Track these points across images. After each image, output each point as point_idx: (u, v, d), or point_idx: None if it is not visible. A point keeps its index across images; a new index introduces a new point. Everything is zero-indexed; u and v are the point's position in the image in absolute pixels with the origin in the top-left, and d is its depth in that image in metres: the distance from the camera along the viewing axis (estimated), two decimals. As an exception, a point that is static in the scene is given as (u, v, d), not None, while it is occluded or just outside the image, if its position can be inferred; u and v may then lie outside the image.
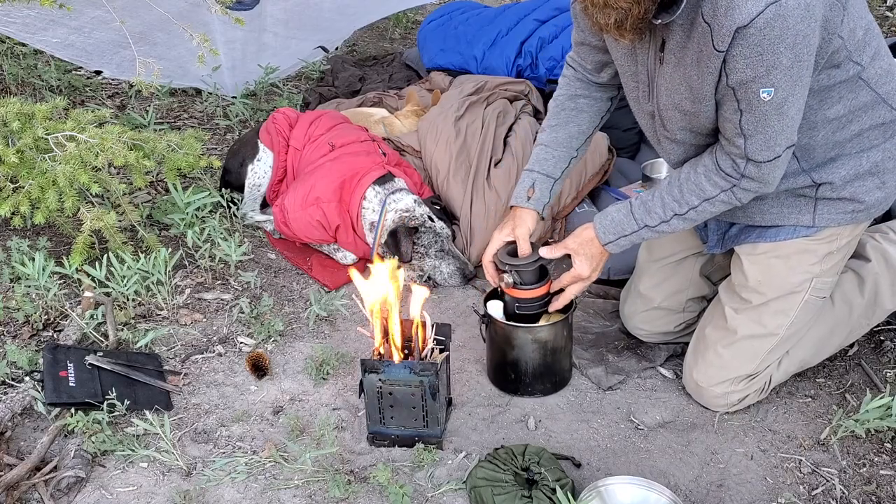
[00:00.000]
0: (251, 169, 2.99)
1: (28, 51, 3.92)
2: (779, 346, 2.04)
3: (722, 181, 1.80)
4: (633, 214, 1.93)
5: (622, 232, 1.95)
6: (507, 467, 1.83)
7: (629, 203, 1.95)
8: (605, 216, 1.98)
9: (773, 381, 2.09)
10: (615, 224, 1.96)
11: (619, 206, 1.97)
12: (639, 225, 1.93)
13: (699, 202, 1.85)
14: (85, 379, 2.08)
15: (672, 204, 1.88)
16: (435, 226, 2.69)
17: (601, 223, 1.98)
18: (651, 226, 1.91)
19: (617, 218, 1.96)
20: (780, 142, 1.70)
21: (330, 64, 4.35)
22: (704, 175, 1.83)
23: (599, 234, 1.98)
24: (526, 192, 2.11)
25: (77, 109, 2.64)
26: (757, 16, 1.51)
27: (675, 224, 1.90)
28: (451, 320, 2.48)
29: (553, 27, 3.89)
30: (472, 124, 3.04)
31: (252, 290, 2.65)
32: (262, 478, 1.92)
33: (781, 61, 1.57)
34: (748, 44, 1.55)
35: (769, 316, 2.01)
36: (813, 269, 1.97)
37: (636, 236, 1.95)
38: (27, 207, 2.41)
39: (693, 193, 1.85)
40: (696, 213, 1.87)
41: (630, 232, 1.94)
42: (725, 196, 1.82)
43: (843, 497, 1.86)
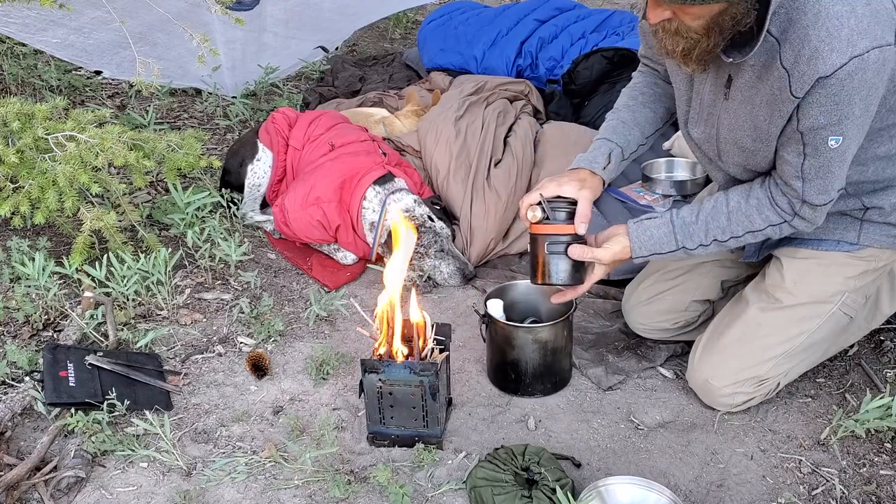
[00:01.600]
0: (251, 169, 2.99)
1: (28, 51, 3.93)
2: (795, 355, 2.02)
3: (774, 216, 1.82)
4: (675, 236, 1.90)
5: (658, 250, 1.92)
6: (507, 467, 1.83)
7: (670, 222, 1.90)
8: (642, 231, 1.92)
9: (780, 386, 2.09)
10: (653, 241, 1.91)
11: (659, 223, 1.91)
12: (677, 246, 1.90)
13: (743, 233, 1.86)
14: (85, 379, 2.08)
15: (716, 231, 1.87)
16: (435, 226, 2.69)
17: (638, 238, 1.92)
18: (689, 248, 1.90)
19: (656, 235, 1.91)
20: (835, 186, 1.74)
21: (330, 64, 4.35)
22: (756, 208, 1.83)
23: (634, 248, 1.93)
24: (604, 160, 2.00)
25: (77, 109, 2.64)
26: (840, 67, 1.54)
27: (711, 249, 1.90)
28: (451, 320, 2.48)
29: (553, 27, 3.90)
30: (472, 124, 3.04)
31: (252, 290, 2.65)
32: (262, 478, 1.92)
33: (854, 111, 1.60)
34: (826, 93, 1.58)
35: (795, 321, 2.00)
36: (848, 284, 1.99)
37: (670, 256, 1.93)
38: (27, 207, 2.41)
39: (740, 224, 1.85)
40: (735, 242, 1.89)
41: (666, 251, 1.92)
42: (771, 230, 1.84)
43: (843, 497, 1.86)
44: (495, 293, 2.26)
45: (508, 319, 2.20)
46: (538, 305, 2.31)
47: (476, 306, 2.50)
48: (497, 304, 2.21)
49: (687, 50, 1.67)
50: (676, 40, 1.65)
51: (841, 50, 1.53)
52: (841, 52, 1.53)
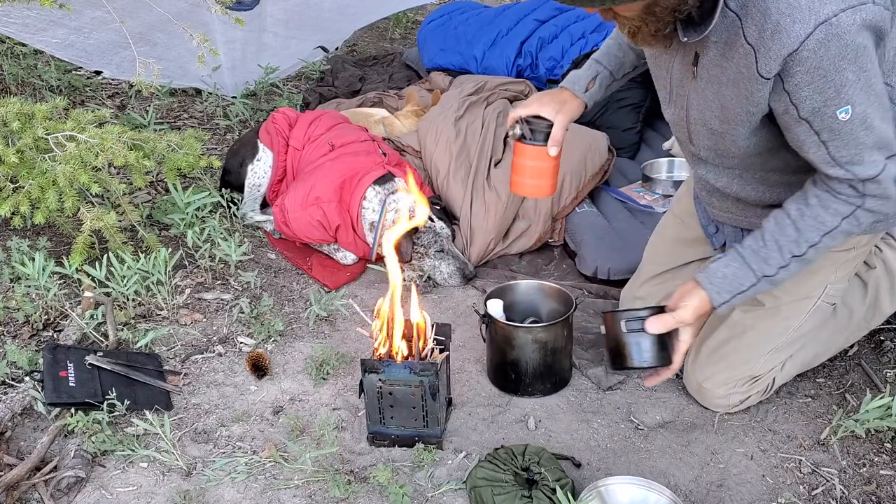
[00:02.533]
0: (251, 169, 2.99)
1: (28, 51, 3.93)
2: (784, 349, 2.03)
3: (843, 206, 1.66)
4: (750, 266, 1.75)
5: (738, 288, 1.76)
6: (507, 467, 1.83)
7: (738, 255, 1.77)
8: (712, 274, 1.78)
9: (776, 382, 2.09)
10: (728, 281, 1.77)
11: (727, 261, 1.78)
12: (756, 277, 1.75)
13: (819, 237, 1.70)
14: (85, 379, 2.08)
15: (790, 245, 1.72)
16: (435, 226, 2.69)
17: (711, 283, 1.77)
18: (770, 275, 1.75)
19: (730, 274, 1.77)
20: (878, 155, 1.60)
21: (330, 64, 4.35)
22: (822, 206, 1.68)
23: (713, 296, 1.77)
24: (586, 83, 2.02)
25: (77, 109, 2.64)
26: (806, 38, 1.45)
27: (792, 268, 1.74)
28: (451, 320, 2.48)
29: (553, 27, 3.90)
30: (472, 124, 3.04)
31: (252, 290, 2.65)
32: (262, 478, 1.92)
33: (847, 77, 1.49)
34: (806, 69, 1.49)
35: (779, 319, 2.00)
36: (829, 277, 1.97)
37: (753, 290, 1.77)
38: (27, 207, 2.41)
39: (812, 229, 1.70)
40: (815, 252, 1.72)
41: (748, 286, 1.76)
42: (847, 224, 1.68)
43: (843, 497, 1.86)
44: (495, 293, 2.26)
45: (508, 319, 2.20)
46: (538, 305, 2.31)
47: (476, 306, 2.50)
48: (497, 304, 2.21)
49: (632, 33, 1.63)
50: (621, 24, 1.63)
51: (803, 20, 1.44)
52: (804, 21, 1.44)
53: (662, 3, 1.53)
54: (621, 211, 2.94)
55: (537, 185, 2.06)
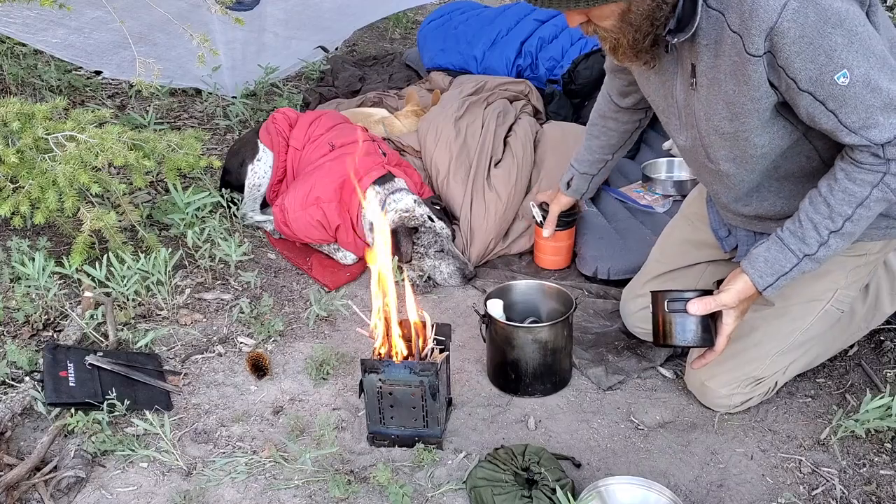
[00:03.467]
0: (251, 169, 2.99)
1: (28, 51, 3.93)
2: (790, 352, 2.03)
3: (869, 175, 1.66)
4: (789, 248, 1.77)
5: (781, 270, 1.78)
6: (507, 467, 1.83)
7: (777, 238, 1.79)
8: (754, 260, 1.80)
9: (778, 385, 2.09)
10: (770, 264, 1.79)
11: (767, 245, 1.80)
12: (797, 257, 1.77)
13: (852, 210, 1.70)
14: (85, 379, 2.08)
15: (825, 222, 1.72)
16: (435, 226, 2.69)
17: (753, 268, 1.80)
18: (810, 254, 1.76)
19: (770, 257, 1.79)
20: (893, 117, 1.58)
21: (330, 64, 4.35)
22: (848, 178, 1.68)
23: (756, 281, 1.80)
24: (566, 182, 2.52)
25: (77, 109, 2.64)
26: (782, 9, 1.48)
27: (833, 244, 1.74)
28: (451, 320, 2.48)
29: (553, 27, 3.90)
30: (472, 124, 3.04)
31: (252, 290, 2.65)
32: (262, 478, 1.92)
33: (836, 41, 1.50)
34: (791, 40, 1.50)
35: (787, 321, 2.00)
36: (839, 281, 1.97)
37: (797, 270, 1.78)
38: (27, 207, 2.41)
39: (843, 202, 1.70)
40: (853, 224, 1.72)
41: (790, 268, 1.78)
42: (878, 192, 1.67)
43: (843, 497, 1.86)
44: (495, 293, 2.26)
45: (508, 319, 2.20)
46: (538, 305, 2.31)
47: (476, 306, 2.50)
48: (497, 304, 2.21)
49: (613, 47, 1.69)
50: (603, 37, 1.69)
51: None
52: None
53: (636, 9, 1.59)
54: (621, 211, 2.94)
55: (554, 260, 2.79)
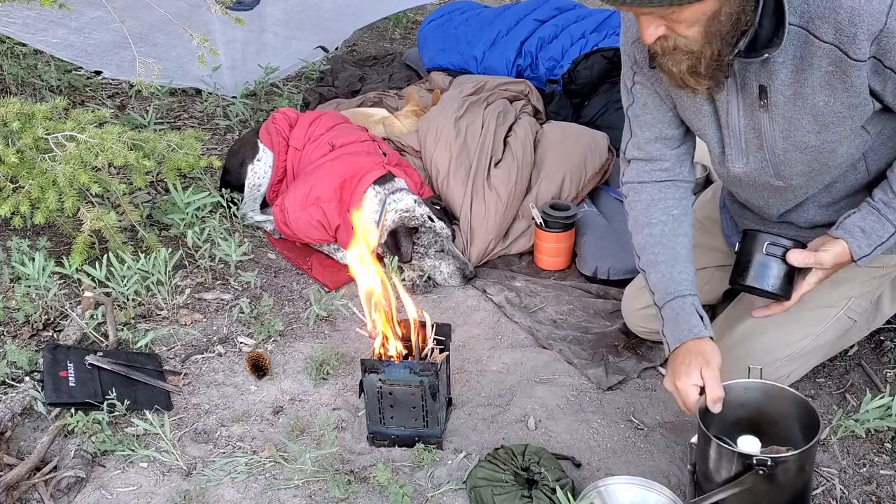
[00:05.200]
0: (251, 169, 2.99)
1: (28, 51, 3.93)
2: (799, 358, 2.01)
3: None
4: (887, 217, 1.72)
5: (879, 240, 1.74)
6: (507, 467, 1.83)
7: (872, 210, 1.74)
8: (850, 229, 1.75)
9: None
10: (867, 234, 1.74)
11: (862, 215, 1.75)
12: (895, 226, 1.73)
13: None
14: (85, 379, 2.08)
15: None
16: (435, 226, 2.69)
17: (853, 238, 1.74)
18: None
19: (867, 227, 1.74)
20: None
21: (330, 64, 4.35)
22: None
23: (854, 250, 1.74)
24: (700, 320, 1.80)
25: (77, 109, 2.64)
26: (889, 10, 1.46)
27: None
28: (451, 320, 2.48)
29: (553, 27, 3.90)
30: (472, 124, 3.04)
31: (252, 290, 2.65)
32: (262, 478, 1.92)
33: None
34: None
35: (800, 326, 1.98)
36: (854, 290, 1.97)
37: (893, 240, 1.74)
38: (27, 207, 2.41)
39: None
40: None
41: (888, 237, 1.73)
42: None
43: (843, 497, 1.86)
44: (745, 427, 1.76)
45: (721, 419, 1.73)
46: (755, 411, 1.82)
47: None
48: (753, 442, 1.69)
49: (693, 65, 1.57)
50: (679, 58, 1.57)
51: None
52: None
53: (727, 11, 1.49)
54: (621, 211, 2.92)
55: (554, 260, 2.79)
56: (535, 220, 2.74)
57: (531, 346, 2.40)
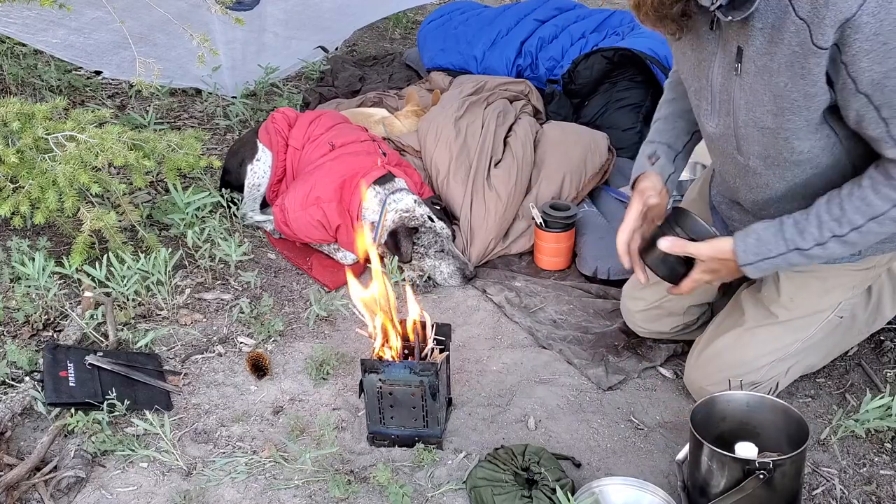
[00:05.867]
0: (250, 169, 2.99)
1: (28, 51, 3.93)
2: (789, 357, 2.01)
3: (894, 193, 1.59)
4: (784, 235, 1.71)
5: (767, 253, 1.73)
6: (507, 467, 1.83)
7: (780, 221, 1.73)
8: (748, 234, 1.75)
9: (779, 386, 2.07)
10: (760, 243, 1.73)
11: (767, 224, 1.74)
12: (788, 247, 1.71)
13: (864, 221, 1.62)
14: (85, 379, 2.08)
15: (831, 224, 1.65)
16: (435, 226, 2.69)
17: (743, 241, 1.75)
18: (803, 249, 1.69)
19: (764, 237, 1.73)
20: None
21: (330, 64, 4.35)
22: (872, 188, 1.61)
23: (739, 254, 1.75)
24: (648, 160, 1.97)
25: (77, 109, 2.64)
26: (864, 2, 1.38)
27: (831, 248, 1.68)
28: (451, 320, 2.48)
29: (553, 27, 3.90)
30: (472, 124, 3.04)
31: (252, 290, 2.65)
32: (262, 478, 1.92)
33: None
34: (865, 36, 1.41)
35: (790, 331, 1.99)
36: (845, 294, 1.97)
37: (782, 260, 1.72)
38: (27, 207, 2.41)
39: (858, 211, 1.62)
40: (859, 236, 1.65)
41: (776, 254, 1.72)
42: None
43: (843, 497, 1.86)
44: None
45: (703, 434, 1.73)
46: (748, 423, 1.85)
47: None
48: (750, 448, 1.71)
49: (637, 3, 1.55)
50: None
51: None
52: None
53: None
54: (621, 211, 2.93)
55: (554, 260, 2.78)
56: (535, 220, 2.74)
57: (531, 346, 2.40)
